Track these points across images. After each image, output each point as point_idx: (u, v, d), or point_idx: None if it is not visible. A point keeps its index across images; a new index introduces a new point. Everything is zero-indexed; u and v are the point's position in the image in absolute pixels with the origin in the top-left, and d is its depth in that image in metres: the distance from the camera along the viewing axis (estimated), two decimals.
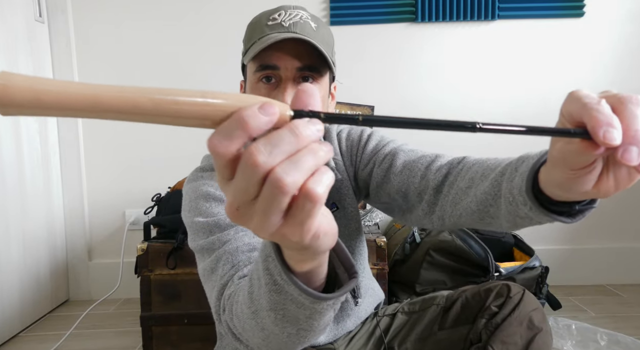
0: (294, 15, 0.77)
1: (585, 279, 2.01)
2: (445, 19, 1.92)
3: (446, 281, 1.61)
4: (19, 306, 1.69)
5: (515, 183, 0.53)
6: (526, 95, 1.97)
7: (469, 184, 0.65)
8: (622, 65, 1.96)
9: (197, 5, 1.93)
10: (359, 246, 0.92)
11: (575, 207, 0.48)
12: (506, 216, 0.57)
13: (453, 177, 0.70)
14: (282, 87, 0.76)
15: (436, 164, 0.74)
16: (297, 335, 0.49)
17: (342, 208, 0.89)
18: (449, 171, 0.71)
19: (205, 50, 1.95)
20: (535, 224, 0.55)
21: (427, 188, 0.73)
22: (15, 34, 1.69)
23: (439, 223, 0.73)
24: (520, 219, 0.54)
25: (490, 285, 0.85)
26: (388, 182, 0.82)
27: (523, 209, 0.51)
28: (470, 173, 0.66)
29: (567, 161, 0.38)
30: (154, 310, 1.41)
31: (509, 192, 0.54)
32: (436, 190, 0.72)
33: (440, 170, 0.72)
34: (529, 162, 0.52)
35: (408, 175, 0.77)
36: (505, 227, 0.60)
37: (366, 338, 0.95)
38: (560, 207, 0.49)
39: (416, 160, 0.77)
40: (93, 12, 1.93)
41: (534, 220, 0.53)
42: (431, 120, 0.30)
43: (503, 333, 0.77)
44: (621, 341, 1.39)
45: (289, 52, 0.74)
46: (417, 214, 0.76)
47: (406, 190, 0.77)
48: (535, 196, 0.49)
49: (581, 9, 1.92)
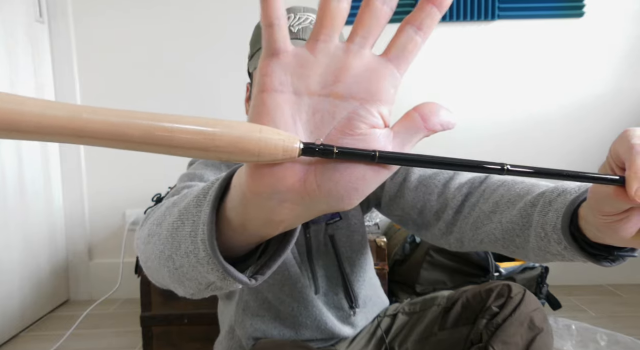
0: (304, 20, 0.75)
1: (585, 279, 2.01)
2: (445, 19, 1.92)
3: (446, 281, 1.61)
4: (19, 306, 1.68)
5: (549, 218, 0.49)
6: (526, 95, 1.97)
7: (494, 208, 0.60)
8: (622, 65, 1.96)
9: (197, 5, 1.93)
10: (360, 258, 0.91)
11: (614, 252, 0.45)
12: (535, 250, 0.53)
13: (475, 199, 0.66)
14: None
15: (455, 181, 0.70)
16: (172, 272, 0.42)
17: (346, 218, 0.88)
18: (470, 191, 0.67)
19: (207, 51, 1.95)
20: (568, 261, 0.51)
21: (445, 207, 0.70)
22: (15, 35, 1.69)
23: (456, 245, 0.70)
24: (550, 255, 0.51)
25: (491, 286, 0.85)
26: (402, 197, 0.79)
27: (556, 247, 0.48)
28: (495, 196, 0.62)
29: (598, 204, 0.36)
30: (154, 310, 1.41)
31: (541, 227, 0.51)
32: (456, 211, 0.68)
33: (461, 189, 0.68)
34: (565, 197, 0.48)
35: (424, 192, 0.74)
36: (532, 260, 0.57)
37: (367, 339, 0.95)
38: (599, 249, 0.45)
39: (432, 176, 0.74)
40: (93, 13, 1.93)
41: (566, 257, 0.49)
42: (456, 160, 0.28)
43: (504, 333, 0.77)
44: (621, 341, 1.39)
45: None
46: (434, 232, 0.74)
47: (422, 207, 0.74)
48: (572, 234, 0.46)
49: (581, 9, 1.92)
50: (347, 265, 0.89)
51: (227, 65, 1.94)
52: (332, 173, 0.28)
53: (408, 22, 0.28)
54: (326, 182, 0.28)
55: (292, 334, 0.88)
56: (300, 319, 0.87)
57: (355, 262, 0.90)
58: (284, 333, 0.88)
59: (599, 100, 1.97)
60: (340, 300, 0.90)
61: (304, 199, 0.29)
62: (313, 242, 0.87)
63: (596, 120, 1.96)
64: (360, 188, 0.28)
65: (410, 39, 0.28)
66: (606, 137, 1.96)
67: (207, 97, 1.96)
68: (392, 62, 0.29)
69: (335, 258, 0.88)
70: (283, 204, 0.29)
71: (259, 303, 0.87)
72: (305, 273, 0.87)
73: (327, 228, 0.87)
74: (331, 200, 0.28)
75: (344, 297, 0.89)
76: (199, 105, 1.96)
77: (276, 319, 0.87)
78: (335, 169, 0.28)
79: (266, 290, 0.86)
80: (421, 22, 0.28)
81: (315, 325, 0.87)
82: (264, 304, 0.87)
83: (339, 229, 0.88)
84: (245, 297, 0.88)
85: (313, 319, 0.86)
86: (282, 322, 0.88)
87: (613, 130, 1.96)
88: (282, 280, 0.85)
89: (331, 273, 0.89)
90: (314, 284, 0.87)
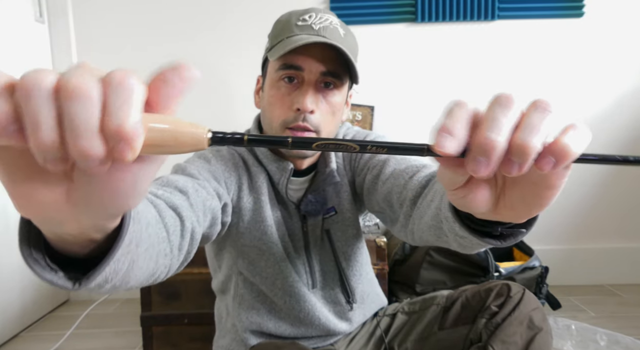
0: (324, 19, 0.76)
1: (585, 279, 2.01)
2: (445, 19, 1.92)
3: (446, 281, 1.61)
4: (19, 306, 1.69)
5: (444, 200, 0.49)
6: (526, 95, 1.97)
7: (433, 196, 0.59)
8: (622, 65, 1.96)
9: (198, 5, 1.93)
10: (356, 253, 0.92)
11: (498, 228, 0.44)
12: (451, 236, 0.51)
13: (427, 189, 0.65)
14: (304, 90, 0.75)
15: (420, 174, 0.69)
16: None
17: (340, 212, 0.89)
18: (427, 183, 0.67)
19: (207, 50, 1.95)
20: (478, 248, 0.49)
21: (405, 199, 0.69)
22: (15, 34, 1.69)
23: (411, 237, 0.69)
24: (460, 238, 0.48)
25: (490, 285, 0.85)
26: (375, 191, 0.80)
27: (455, 227, 0.47)
28: (438, 185, 0.60)
29: (442, 181, 0.35)
30: (154, 310, 1.41)
31: (441, 210, 0.51)
32: (412, 202, 0.67)
33: (421, 181, 0.68)
34: None
35: (392, 184, 0.74)
36: (456, 247, 0.54)
37: (367, 338, 0.95)
38: (484, 225, 0.44)
39: (403, 170, 0.74)
40: (93, 13, 1.93)
41: (473, 242, 0.47)
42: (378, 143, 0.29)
43: (503, 333, 0.77)
44: (621, 341, 1.39)
45: (315, 55, 0.74)
46: (398, 226, 0.73)
47: (390, 200, 0.75)
48: (458, 213, 0.45)
49: (581, 9, 1.92)
50: (343, 259, 0.89)
51: (227, 64, 1.94)
52: (89, 184, 0.27)
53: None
54: (88, 194, 0.27)
55: (288, 326, 0.88)
56: (293, 313, 0.87)
57: (351, 257, 0.90)
58: (279, 326, 0.88)
59: (599, 100, 1.97)
60: (337, 295, 0.90)
61: (80, 213, 0.28)
62: (310, 236, 0.87)
63: (596, 120, 1.96)
64: (124, 190, 0.27)
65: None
66: (604, 136, 1.96)
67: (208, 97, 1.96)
68: None
69: (332, 252, 0.88)
70: (63, 222, 0.29)
71: (254, 295, 0.88)
72: (302, 267, 0.87)
73: (324, 223, 0.87)
74: (104, 207, 0.28)
75: (340, 292, 0.90)
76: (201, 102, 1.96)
77: (271, 311, 0.88)
78: (92, 180, 0.27)
79: (260, 283, 0.86)
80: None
81: (309, 320, 0.87)
82: (259, 297, 0.88)
83: (335, 224, 0.89)
84: (240, 291, 0.89)
85: (306, 313, 0.87)
86: (278, 315, 0.88)
87: (612, 129, 1.97)
88: (273, 274, 0.85)
89: (328, 267, 0.89)
90: (311, 278, 0.88)
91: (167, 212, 0.54)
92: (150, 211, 0.48)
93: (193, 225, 0.60)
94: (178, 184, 0.64)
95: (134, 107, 0.24)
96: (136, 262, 0.40)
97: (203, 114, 1.94)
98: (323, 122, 0.77)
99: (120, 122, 0.23)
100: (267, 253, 0.84)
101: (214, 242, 0.89)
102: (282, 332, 0.88)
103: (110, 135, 0.24)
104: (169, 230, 0.52)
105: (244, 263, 0.86)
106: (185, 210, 0.59)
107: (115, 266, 0.35)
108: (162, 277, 0.51)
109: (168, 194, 0.59)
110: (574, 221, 2.03)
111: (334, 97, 0.78)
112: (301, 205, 0.86)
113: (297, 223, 0.86)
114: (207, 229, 0.69)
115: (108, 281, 0.36)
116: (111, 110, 0.23)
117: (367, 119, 1.93)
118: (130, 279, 0.41)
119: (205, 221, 0.66)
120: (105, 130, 0.24)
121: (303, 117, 0.75)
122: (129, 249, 0.37)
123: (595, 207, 2.02)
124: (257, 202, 0.83)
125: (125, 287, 0.42)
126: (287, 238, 0.86)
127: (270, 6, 1.84)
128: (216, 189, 0.73)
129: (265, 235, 0.83)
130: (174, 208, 0.57)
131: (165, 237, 0.51)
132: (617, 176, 2.00)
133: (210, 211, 0.68)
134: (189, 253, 0.60)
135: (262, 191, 0.84)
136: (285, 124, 0.77)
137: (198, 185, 0.68)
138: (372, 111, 1.93)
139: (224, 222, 0.78)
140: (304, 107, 0.74)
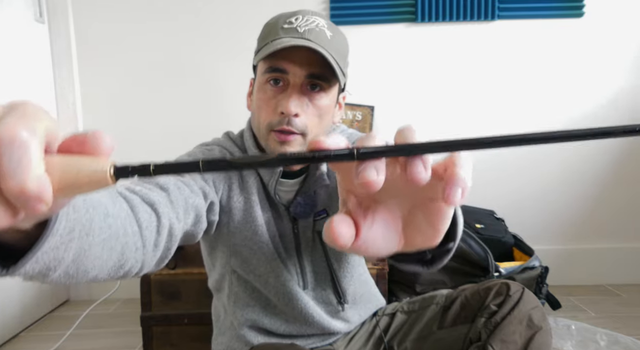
0: (310, 22, 0.76)
1: (585, 279, 2.01)
2: (445, 19, 1.92)
3: (446, 281, 1.61)
4: (19, 306, 1.69)
5: None
6: (526, 95, 1.97)
7: None
8: (621, 65, 1.96)
9: (198, 5, 1.94)
10: (347, 255, 0.91)
11: (427, 254, 0.47)
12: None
13: None
14: (289, 93, 0.75)
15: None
16: None
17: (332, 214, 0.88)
18: None
19: (206, 49, 1.95)
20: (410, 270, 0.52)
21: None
22: (15, 34, 1.70)
23: None
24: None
25: (489, 284, 0.85)
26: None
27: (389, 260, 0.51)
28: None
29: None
30: (154, 310, 1.41)
31: None
32: None
33: None
34: None
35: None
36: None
37: (366, 338, 0.95)
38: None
39: None
40: (93, 13, 1.93)
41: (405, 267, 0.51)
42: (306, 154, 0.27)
43: (502, 332, 0.77)
44: (621, 341, 1.39)
45: (300, 58, 0.74)
46: None
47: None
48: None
49: (581, 9, 1.92)
50: (334, 261, 0.89)
51: (228, 64, 1.94)
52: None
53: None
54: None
55: (283, 323, 0.89)
56: (286, 311, 0.88)
57: (342, 258, 0.90)
58: (274, 322, 0.88)
59: (599, 100, 1.97)
60: (328, 296, 0.90)
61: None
62: (301, 238, 0.87)
63: (596, 120, 1.96)
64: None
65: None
66: None
67: (208, 96, 1.97)
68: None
69: (324, 254, 0.88)
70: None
71: (249, 293, 0.88)
72: (293, 268, 0.87)
73: (315, 224, 0.87)
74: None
75: (332, 293, 0.90)
76: (200, 103, 1.97)
77: (266, 308, 0.88)
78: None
79: (254, 280, 0.87)
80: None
81: (303, 318, 0.87)
82: (253, 294, 0.88)
83: None
84: (234, 289, 0.89)
85: (299, 311, 0.87)
86: (273, 311, 0.89)
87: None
88: (266, 272, 0.85)
89: (319, 269, 0.89)
90: (302, 279, 0.88)
91: (141, 207, 0.55)
92: (119, 204, 0.49)
93: (171, 221, 0.60)
94: (159, 180, 0.65)
95: (32, 162, 0.23)
96: (89, 252, 0.39)
97: (198, 118, 1.94)
98: (309, 125, 0.77)
99: (21, 182, 0.22)
100: (259, 252, 0.84)
101: (206, 241, 0.90)
102: (277, 328, 0.89)
103: (15, 197, 0.23)
104: (141, 225, 0.53)
105: (237, 261, 0.86)
106: (162, 207, 0.59)
107: (55, 254, 0.35)
108: (134, 271, 0.51)
109: (146, 191, 0.60)
110: (574, 221, 2.03)
111: (320, 100, 0.78)
112: (290, 207, 0.86)
113: (288, 224, 0.86)
114: (191, 226, 0.69)
115: (51, 269, 0.36)
116: (8, 173, 0.22)
117: (367, 119, 1.93)
118: (88, 269, 0.40)
119: (187, 218, 0.66)
120: (8, 194, 0.23)
121: (287, 121, 0.75)
122: (71, 237, 0.36)
123: (595, 207, 2.02)
124: (247, 202, 0.84)
125: (85, 276, 0.41)
126: (277, 239, 0.86)
127: (265, 9, 1.84)
128: (202, 188, 0.74)
129: (256, 235, 0.83)
130: (150, 204, 0.58)
131: (137, 231, 0.51)
132: (617, 176, 2.00)
133: (193, 209, 0.68)
134: (168, 250, 0.60)
135: (252, 191, 0.84)
136: (270, 127, 0.77)
137: (181, 183, 0.68)
138: (372, 111, 1.93)
139: (210, 220, 0.78)
140: (287, 110, 0.74)
